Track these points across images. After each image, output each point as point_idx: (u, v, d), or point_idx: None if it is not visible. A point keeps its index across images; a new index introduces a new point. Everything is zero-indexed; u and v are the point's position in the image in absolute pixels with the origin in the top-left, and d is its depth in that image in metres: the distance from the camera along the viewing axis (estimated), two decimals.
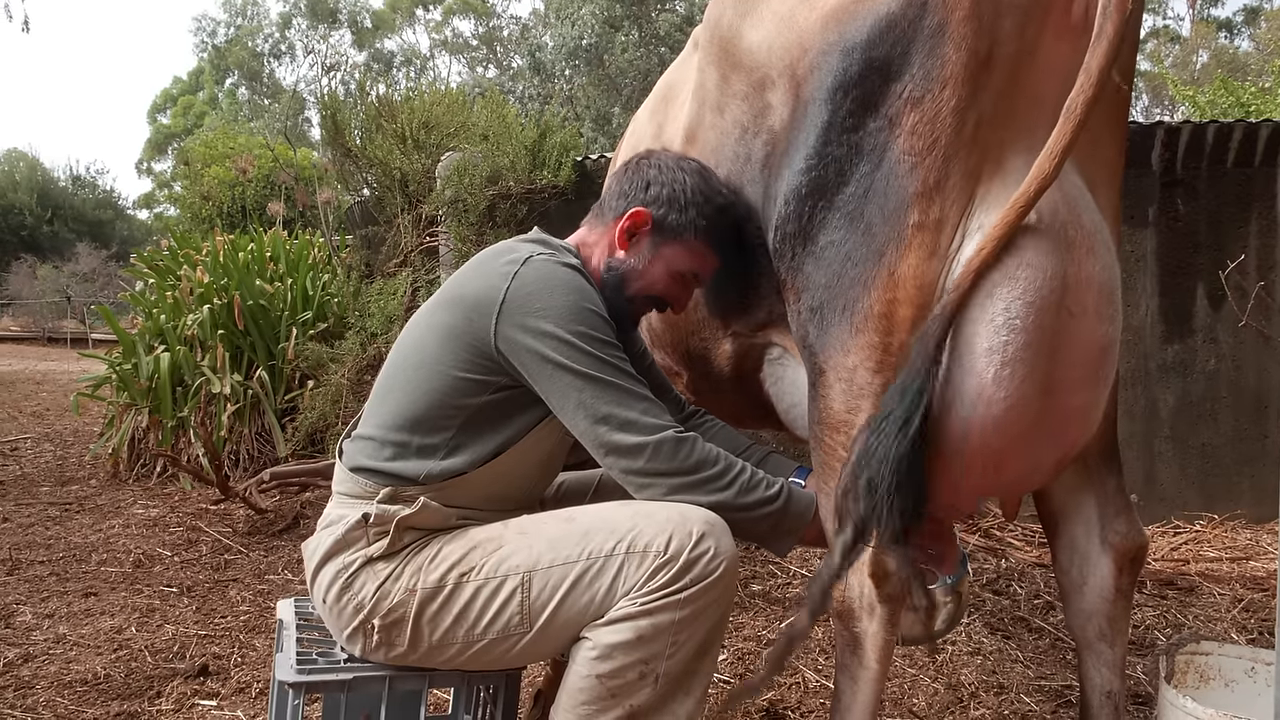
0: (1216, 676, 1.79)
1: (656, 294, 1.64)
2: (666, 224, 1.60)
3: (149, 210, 37.28)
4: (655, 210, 1.61)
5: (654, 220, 1.61)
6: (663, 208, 1.60)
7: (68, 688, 2.35)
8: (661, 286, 1.63)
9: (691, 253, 1.62)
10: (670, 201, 1.60)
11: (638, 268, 1.61)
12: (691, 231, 1.60)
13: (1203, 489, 4.08)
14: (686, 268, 1.63)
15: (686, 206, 1.59)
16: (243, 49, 37.72)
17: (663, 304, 1.67)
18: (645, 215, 1.61)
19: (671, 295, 1.65)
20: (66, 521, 4.15)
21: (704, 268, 1.65)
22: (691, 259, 1.62)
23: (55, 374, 11.82)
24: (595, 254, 1.66)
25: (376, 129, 4.88)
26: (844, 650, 1.44)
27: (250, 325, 5.12)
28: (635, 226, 1.62)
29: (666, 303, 1.67)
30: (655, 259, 1.61)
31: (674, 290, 1.65)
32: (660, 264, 1.62)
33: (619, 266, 1.62)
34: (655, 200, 1.61)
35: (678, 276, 1.63)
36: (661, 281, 1.63)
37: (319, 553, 1.52)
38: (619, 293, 1.62)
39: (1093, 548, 1.55)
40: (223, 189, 13.68)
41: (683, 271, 1.63)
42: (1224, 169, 4.02)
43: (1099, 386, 1.40)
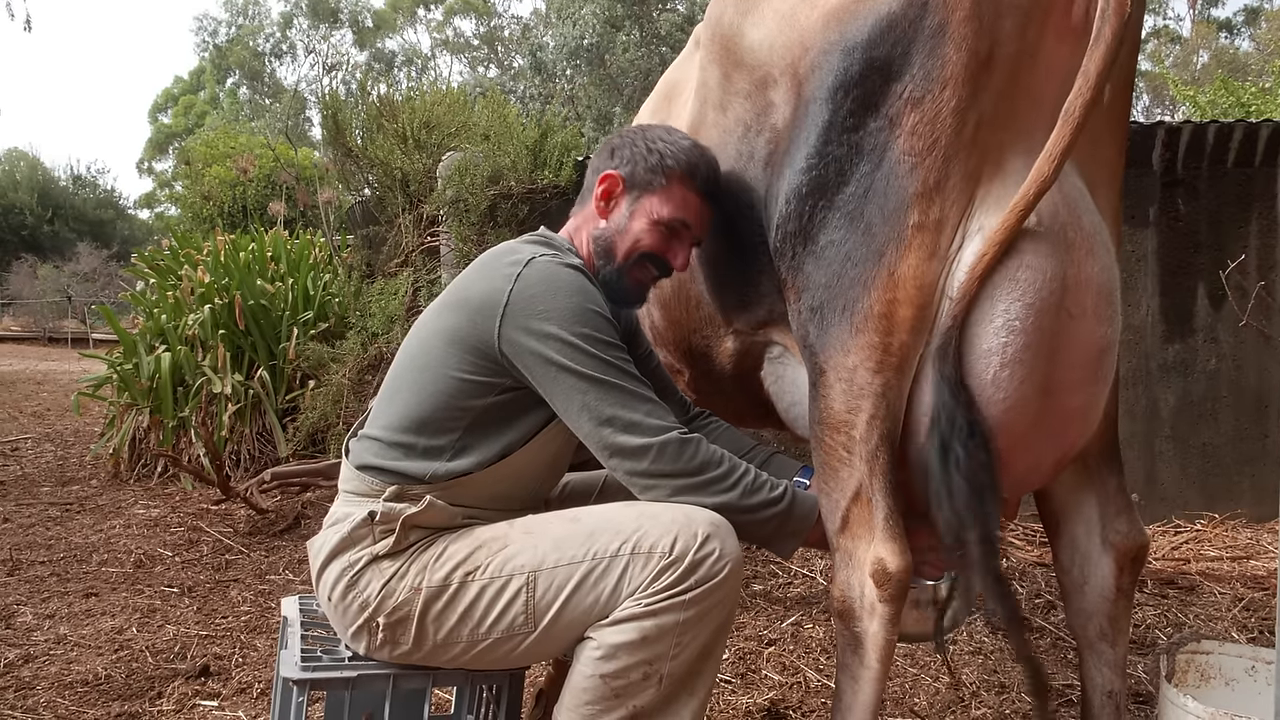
0: (1217, 675, 1.80)
1: (647, 250, 1.61)
2: (637, 178, 1.61)
3: (150, 210, 37.31)
4: (623, 169, 1.63)
5: (624, 179, 1.62)
6: (629, 165, 1.62)
7: (68, 688, 2.35)
8: (649, 240, 1.61)
9: (669, 198, 1.61)
10: (635, 158, 1.62)
11: (620, 227, 1.62)
12: (662, 176, 1.60)
13: (1203, 488, 4.08)
14: (669, 214, 1.61)
15: (650, 154, 1.61)
16: (244, 48, 37.71)
17: (660, 262, 1.64)
18: (615, 176, 1.63)
19: (662, 248, 1.62)
20: (67, 522, 4.16)
21: (688, 213, 1.62)
22: (671, 204, 1.61)
23: (56, 374, 11.82)
24: (583, 236, 1.66)
25: (377, 129, 4.88)
26: (845, 650, 1.44)
27: (251, 325, 5.12)
28: (609, 191, 1.63)
29: (663, 260, 1.64)
30: (635, 214, 1.61)
31: (663, 242, 1.62)
32: (641, 218, 1.61)
33: (603, 235, 1.63)
34: (622, 161, 1.64)
35: (663, 227, 1.61)
36: (648, 235, 1.61)
37: (324, 550, 1.53)
38: (610, 261, 1.62)
39: (1094, 547, 1.55)
40: (224, 189, 13.69)
41: (666, 220, 1.61)
42: (1224, 169, 4.02)
43: (1098, 387, 1.41)
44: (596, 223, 1.65)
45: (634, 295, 1.67)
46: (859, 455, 1.38)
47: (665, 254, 1.63)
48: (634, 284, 1.65)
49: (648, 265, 1.64)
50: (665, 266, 1.65)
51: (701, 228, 1.66)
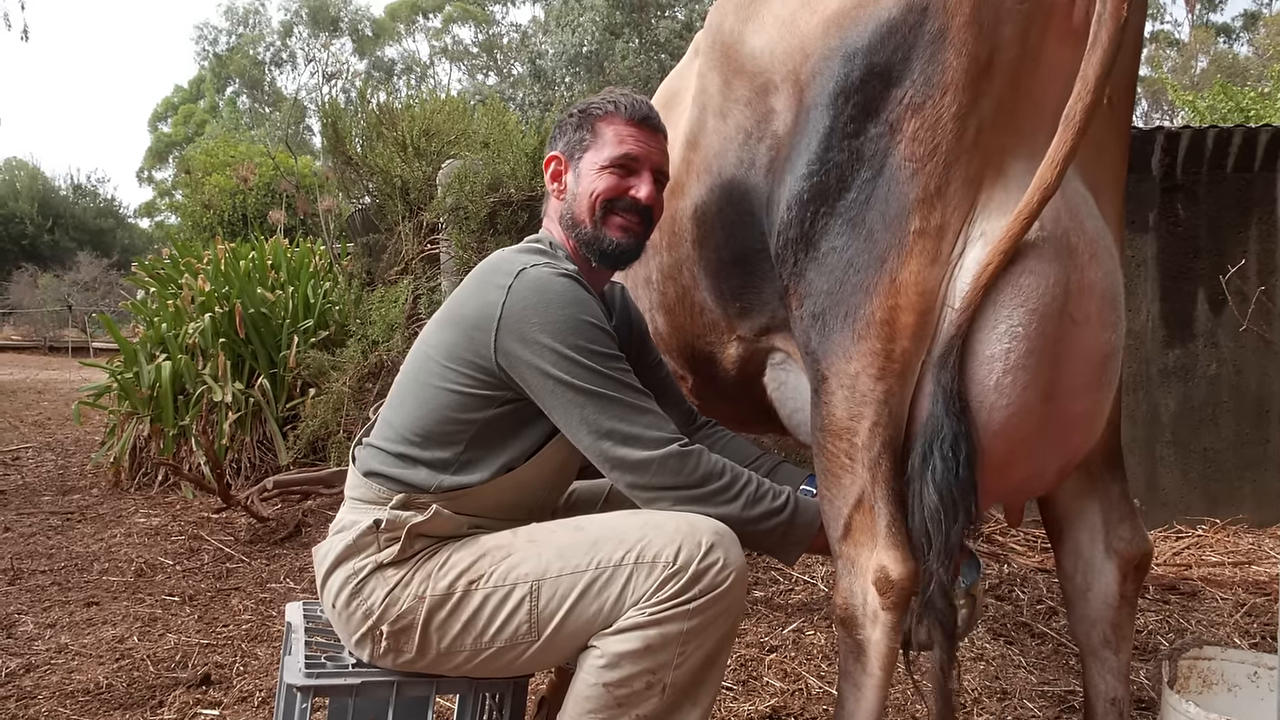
0: (1219, 681, 1.79)
1: (603, 196, 1.60)
2: (570, 145, 1.65)
3: (150, 219, 37.35)
4: (559, 147, 1.67)
5: (562, 153, 1.66)
6: (559, 141, 1.68)
7: (70, 698, 2.35)
8: (602, 186, 1.60)
9: (602, 143, 1.62)
10: (559, 134, 1.68)
11: (576, 193, 1.63)
12: (588, 130, 1.63)
13: (1205, 494, 4.07)
14: (608, 156, 1.61)
15: (572, 118, 1.67)
16: (244, 57, 37.80)
17: (632, 205, 1.61)
18: (554, 156, 1.68)
19: (620, 187, 1.60)
20: (68, 531, 4.15)
21: (628, 145, 1.61)
22: (607, 146, 1.61)
23: (56, 383, 11.82)
24: (555, 228, 1.68)
25: (377, 137, 4.89)
26: (847, 657, 1.44)
27: (251, 333, 5.12)
28: (556, 172, 1.67)
29: (629, 200, 1.61)
30: (581, 176, 1.63)
31: (617, 182, 1.60)
32: (587, 175, 1.62)
33: (567, 211, 1.65)
34: (553, 143, 1.69)
35: (609, 171, 1.60)
36: (601, 184, 1.60)
37: (330, 557, 1.53)
38: (582, 228, 1.62)
39: (1097, 554, 1.54)
40: (224, 197, 13.71)
41: (609, 161, 1.60)
42: (1224, 174, 4.03)
43: (1102, 393, 1.40)
44: (558, 207, 1.67)
45: (623, 248, 1.62)
46: (861, 462, 1.38)
47: (626, 192, 1.61)
48: (618, 233, 1.61)
49: (615, 212, 1.61)
50: (634, 204, 1.61)
51: (652, 156, 1.64)
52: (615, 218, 1.61)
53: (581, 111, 1.65)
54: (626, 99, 1.64)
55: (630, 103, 1.63)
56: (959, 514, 1.30)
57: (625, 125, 1.61)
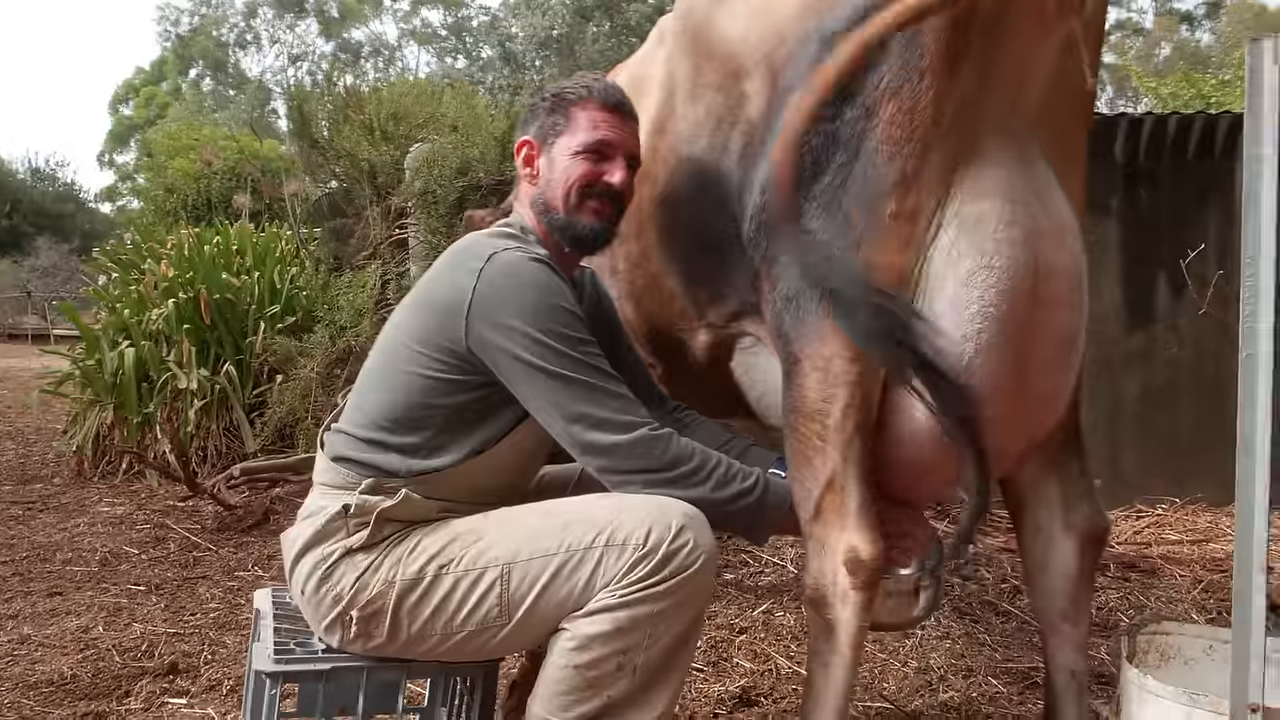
0: (1176, 655, 1.83)
1: (579, 182, 1.58)
2: (543, 130, 1.63)
3: (111, 203, 36.62)
4: (530, 131, 1.65)
5: (534, 139, 1.64)
6: (530, 127, 1.65)
7: (33, 689, 2.31)
8: (577, 172, 1.59)
9: (576, 127, 1.60)
10: (531, 118, 1.66)
11: (550, 178, 1.61)
12: (562, 115, 1.61)
13: (1165, 473, 4.16)
14: (582, 141, 1.59)
15: (544, 102, 1.64)
16: (207, 38, 37.07)
17: (605, 190, 1.60)
18: (526, 141, 1.65)
19: (594, 173, 1.59)
20: (30, 520, 4.08)
21: (602, 130, 1.59)
22: (581, 130, 1.59)
23: (16, 371, 11.58)
24: (527, 212, 1.66)
25: (344, 120, 4.83)
26: (817, 637, 1.46)
27: (217, 320, 5.05)
28: (529, 157, 1.65)
29: (604, 186, 1.60)
30: (554, 161, 1.61)
31: (592, 167, 1.59)
32: (560, 159, 1.60)
33: (540, 197, 1.63)
34: (524, 127, 1.67)
35: (585, 155, 1.59)
36: (575, 170, 1.59)
37: (298, 543, 1.52)
38: (555, 214, 1.61)
39: (1056, 530, 1.57)
40: (187, 181, 13.45)
41: (582, 147, 1.59)
42: (1185, 160, 4.10)
43: (1067, 373, 1.43)
44: (530, 192, 1.65)
45: (597, 231, 1.61)
46: (833, 444, 1.39)
47: (600, 178, 1.60)
48: (592, 217, 1.60)
49: (590, 198, 1.60)
50: (607, 189, 1.60)
51: (626, 141, 1.63)
52: (589, 203, 1.60)
53: (555, 96, 1.63)
54: (600, 84, 1.62)
55: (604, 88, 1.62)
56: None
57: (599, 110, 1.60)
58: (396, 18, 37.77)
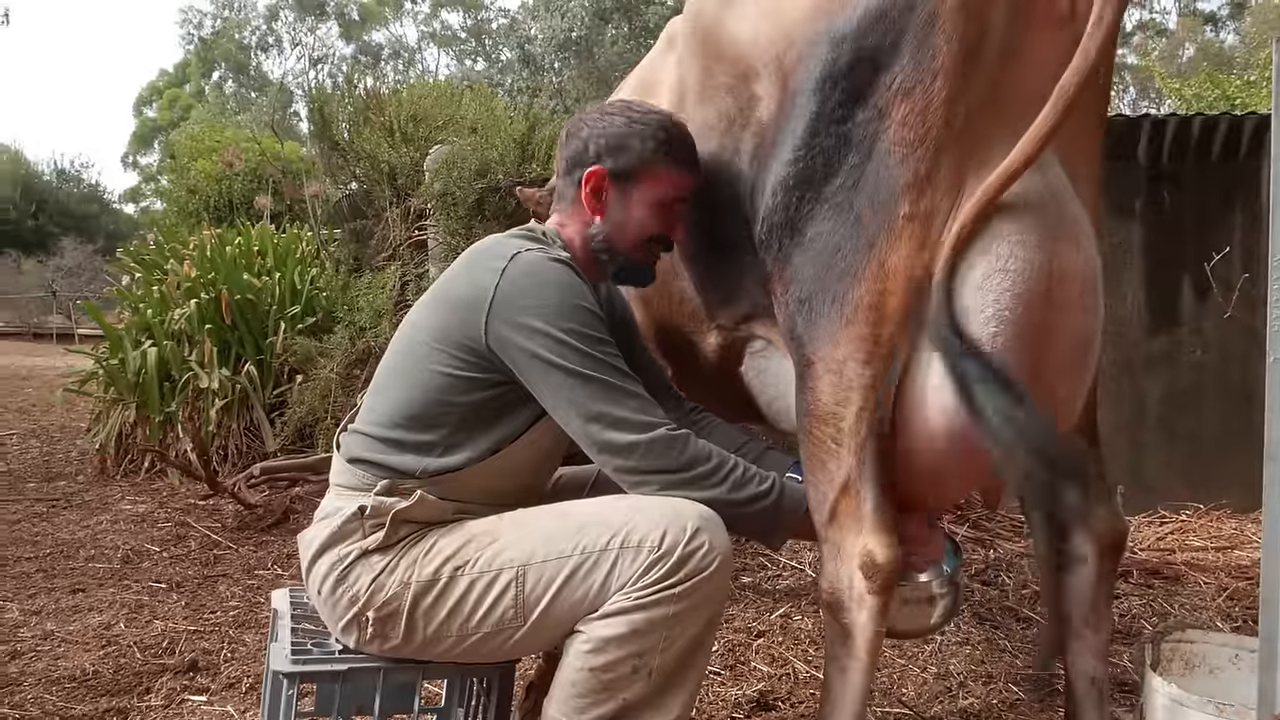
0: (1201, 664, 1.81)
1: (655, 233, 1.63)
2: (621, 169, 1.60)
3: (135, 204, 37.05)
4: (606, 163, 1.60)
5: (610, 172, 1.61)
6: (610, 156, 1.60)
7: (56, 684, 2.34)
8: (655, 225, 1.62)
9: (658, 180, 1.60)
10: (614, 149, 1.60)
11: (619, 221, 1.62)
12: (648, 161, 1.59)
13: (1188, 479, 4.11)
14: (662, 196, 1.61)
15: (629, 141, 1.59)
16: (229, 41, 37.44)
17: (665, 240, 1.66)
18: (600, 172, 1.61)
19: (664, 227, 1.64)
20: (54, 518, 4.13)
21: (679, 187, 1.62)
22: (662, 186, 1.60)
23: (41, 370, 11.74)
24: (574, 234, 1.65)
25: (364, 122, 4.86)
26: (833, 642, 1.45)
27: (238, 320, 5.09)
28: (598, 188, 1.62)
29: (667, 238, 1.66)
30: (630, 205, 1.61)
31: (664, 222, 1.63)
32: (638, 207, 1.61)
33: (601, 232, 1.63)
34: (600, 154, 1.61)
35: (660, 208, 1.61)
36: (650, 221, 1.62)
37: (315, 544, 1.52)
38: (616, 254, 1.63)
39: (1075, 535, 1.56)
40: (209, 183, 13.58)
41: (660, 201, 1.61)
42: (1209, 161, 4.05)
43: (1082, 376, 1.42)
44: (589, 219, 1.63)
45: (648, 275, 1.70)
46: (847, 447, 1.38)
47: (670, 233, 1.66)
48: (645, 264, 1.67)
49: (654, 246, 1.66)
50: (668, 242, 1.67)
51: (690, 193, 1.66)
52: (652, 254, 1.67)
53: (643, 139, 1.59)
54: (679, 136, 1.61)
55: (682, 141, 1.61)
56: None
57: (682, 168, 1.61)
58: (416, 20, 38.00)
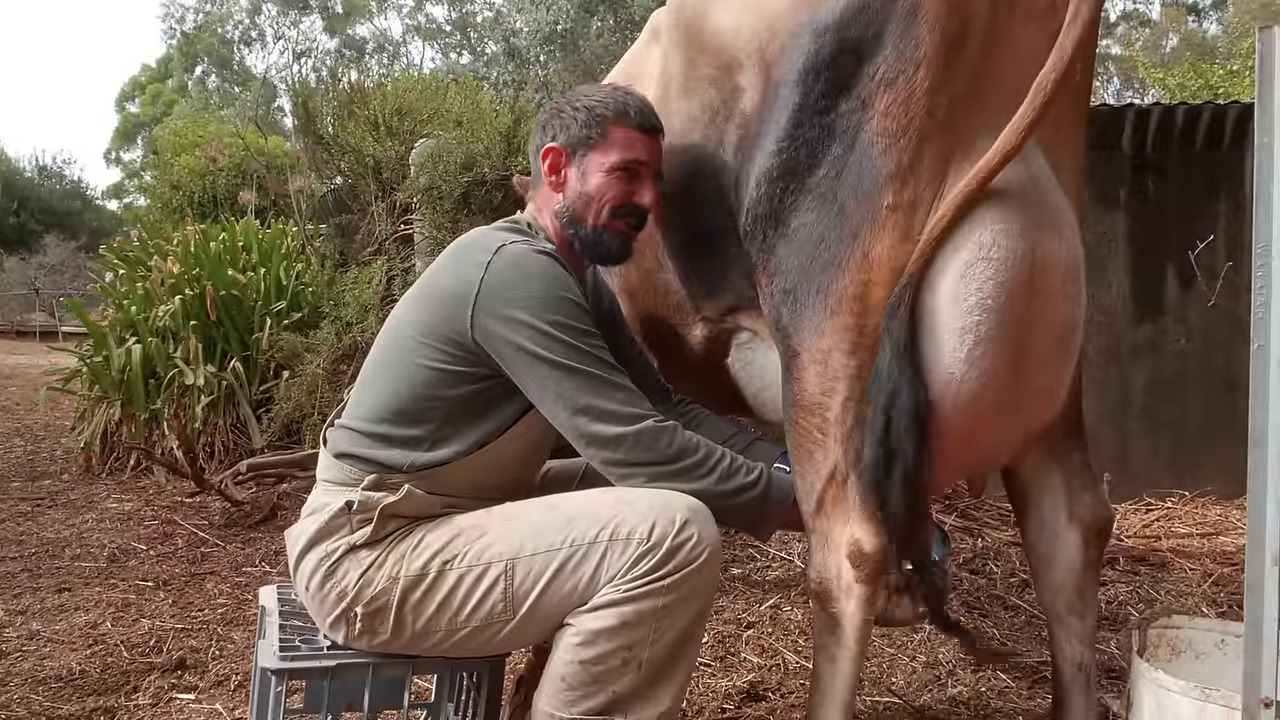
0: (1187, 649, 1.82)
1: (613, 202, 1.60)
2: (575, 140, 1.61)
3: (118, 200, 36.69)
4: (559, 140, 1.62)
5: (564, 147, 1.62)
6: (562, 133, 1.62)
7: (42, 684, 2.32)
8: (613, 191, 1.59)
9: (612, 144, 1.59)
10: (564, 125, 1.62)
11: (580, 192, 1.61)
12: (597, 128, 1.59)
13: (1174, 466, 4.14)
14: (618, 159, 1.59)
15: (578, 112, 1.61)
16: (212, 36, 37.11)
17: (635, 210, 1.62)
18: (554, 148, 1.63)
19: (627, 193, 1.60)
20: (39, 517, 4.10)
21: (636, 150, 1.60)
22: (616, 148, 1.59)
23: (24, 368, 11.63)
24: (545, 217, 1.66)
25: (349, 116, 4.83)
26: (822, 631, 1.46)
27: (223, 316, 5.05)
28: (555, 164, 1.63)
29: (635, 206, 1.61)
30: (587, 174, 1.61)
31: (627, 188, 1.60)
32: (594, 175, 1.60)
33: (567, 208, 1.62)
34: (555, 133, 1.63)
35: (618, 174, 1.59)
36: (609, 189, 1.59)
37: (302, 539, 1.52)
38: (582, 228, 1.61)
39: (1060, 522, 1.57)
40: (193, 178, 13.46)
41: (618, 165, 1.59)
42: (1193, 151, 4.08)
43: (1065, 365, 1.43)
44: (554, 199, 1.64)
45: (619, 249, 1.65)
46: (834, 437, 1.39)
47: (632, 198, 1.61)
48: (615, 237, 1.63)
49: (619, 217, 1.62)
50: (636, 210, 1.62)
51: (655, 161, 1.64)
52: (618, 222, 1.62)
53: (589, 109, 1.61)
54: (635, 102, 1.62)
55: (640, 107, 1.61)
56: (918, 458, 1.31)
57: (635, 131, 1.60)
58: (401, 13, 37.78)
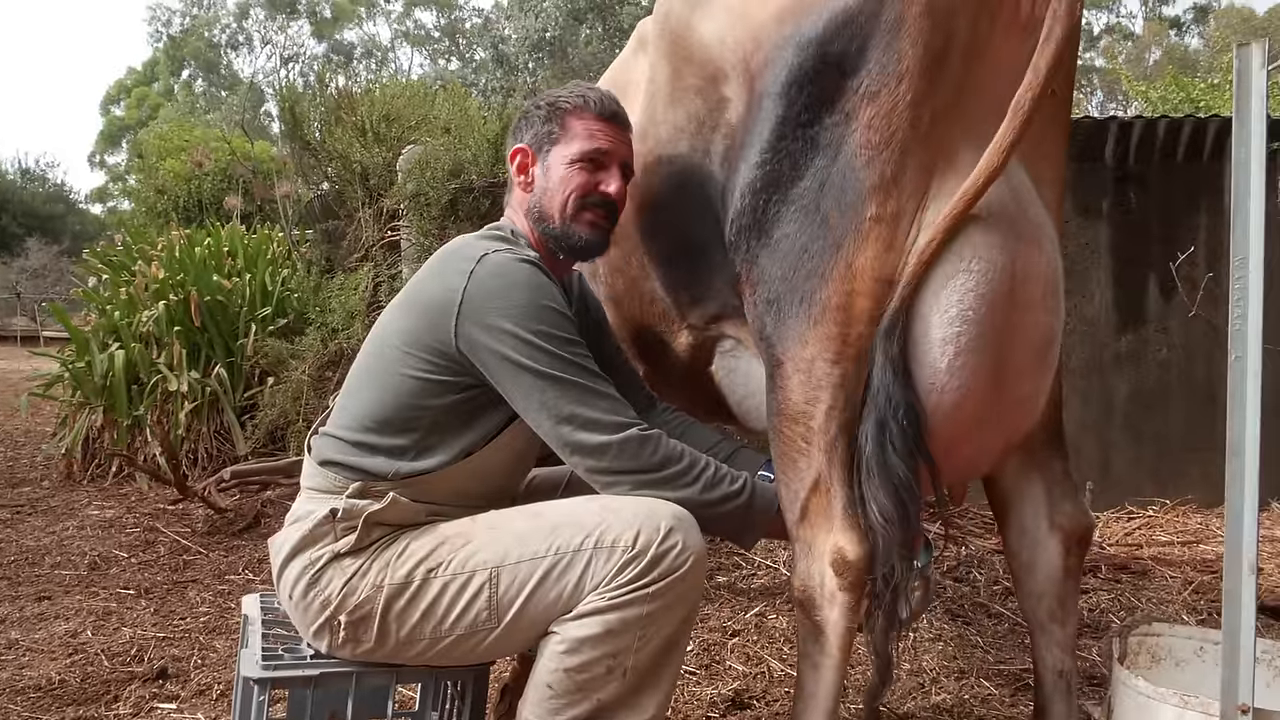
0: (1167, 657, 1.84)
1: (576, 192, 1.59)
2: (537, 138, 1.64)
3: (102, 204, 36.46)
4: (524, 140, 1.65)
5: (529, 147, 1.64)
6: (525, 134, 1.66)
7: (21, 694, 2.30)
8: (575, 182, 1.59)
9: (572, 136, 1.61)
10: (525, 126, 1.66)
11: (545, 188, 1.62)
12: (556, 123, 1.61)
13: (1155, 475, 4.18)
14: (578, 150, 1.60)
15: (538, 110, 1.65)
16: (199, 39, 36.99)
17: (601, 200, 1.61)
18: (520, 149, 1.66)
19: (590, 183, 1.60)
20: (18, 524, 4.06)
21: (597, 140, 1.60)
22: (576, 140, 1.60)
23: (5, 373, 11.52)
24: (520, 219, 1.67)
25: (336, 121, 4.83)
26: (806, 639, 1.46)
27: (208, 321, 5.03)
28: (522, 165, 1.65)
29: (600, 196, 1.60)
30: (549, 169, 1.62)
31: (588, 178, 1.60)
32: (557, 168, 1.61)
33: (535, 205, 1.63)
34: (518, 134, 1.67)
35: (580, 165, 1.60)
36: (571, 180, 1.59)
37: (285, 548, 1.51)
38: (550, 223, 1.62)
39: (1041, 530, 1.58)
40: (178, 182, 13.38)
41: (578, 157, 1.59)
42: (1175, 163, 4.12)
43: (1044, 375, 1.45)
44: (524, 199, 1.65)
45: (593, 242, 1.63)
46: (817, 446, 1.40)
47: (596, 188, 1.61)
48: (587, 229, 1.61)
49: (586, 208, 1.61)
50: (603, 199, 1.61)
51: (620, 151, 1.64)
52: (585, 214, 1.61)
53: (550, 105, 1.63)
54: (595, 94, 1.63)
55: (599, 98, 1.62)
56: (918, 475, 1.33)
57: (595, 120, 1.61)
58: (389, 19, 37.79)
